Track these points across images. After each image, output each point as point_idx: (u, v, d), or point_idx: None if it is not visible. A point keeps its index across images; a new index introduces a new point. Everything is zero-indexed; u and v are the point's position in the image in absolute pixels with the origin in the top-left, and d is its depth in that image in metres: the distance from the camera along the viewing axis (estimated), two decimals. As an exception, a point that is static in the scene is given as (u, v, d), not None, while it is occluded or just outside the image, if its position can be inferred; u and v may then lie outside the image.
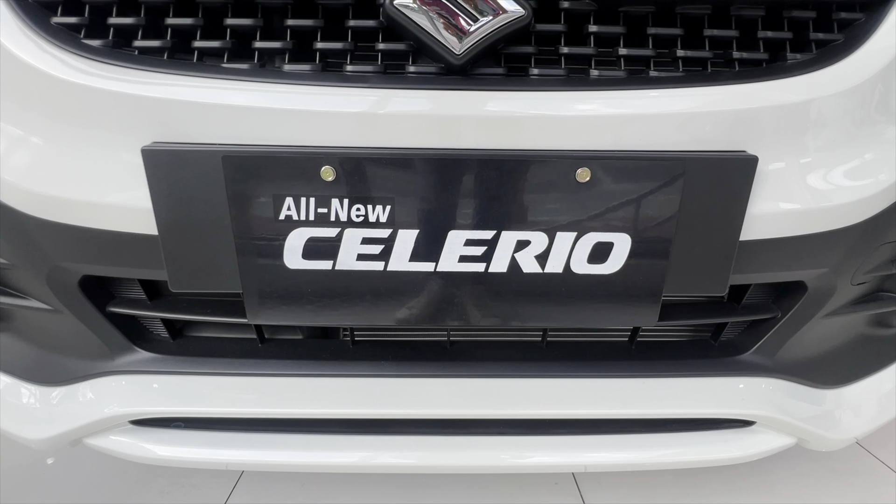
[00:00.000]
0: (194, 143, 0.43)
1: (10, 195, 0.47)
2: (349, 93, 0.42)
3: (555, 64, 0.44)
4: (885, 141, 0.49)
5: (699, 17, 0.45)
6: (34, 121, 0.46)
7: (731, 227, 0.46)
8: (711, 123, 0.44)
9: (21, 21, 0.44)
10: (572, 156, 0.42)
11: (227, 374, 0.56)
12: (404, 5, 0.40)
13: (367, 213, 0.43)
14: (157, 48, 0.44)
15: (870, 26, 0.46)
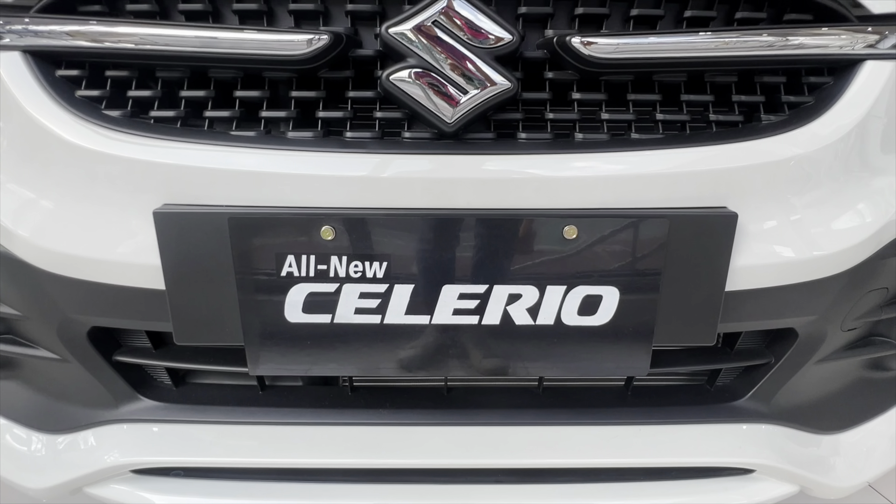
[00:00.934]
0: (202, 205, 0.45)
1: (27, 251, 0.50)
2: (348, 158, 0.45)
3: (542, 128, 0.47)
4: (862, 193, 0.51)
5: (677, 84, 0.48)
6: (54, 183, 0.49)
7: (716, 279, 0.47)
8: (691, 182, 0.46)
9: (47, 94, 0.47)
10: (559, 214, 0.45)
11: (227, 423, 0.57)
12: (400, 79, 0.43)
13: (364, 270, 0.45)
14: (171, 117, 0.47)
15: (838, 89, 0.48)
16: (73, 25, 0.45)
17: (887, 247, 0.53)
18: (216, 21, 0.47)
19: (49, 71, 0.48)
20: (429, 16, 0.41)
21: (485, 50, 0.42)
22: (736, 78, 0.48)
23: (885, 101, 0.48)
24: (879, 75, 0.48)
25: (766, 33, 0.45)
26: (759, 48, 0.45)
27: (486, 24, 0.42)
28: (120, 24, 0.44)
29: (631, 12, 0.46)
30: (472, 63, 0.42)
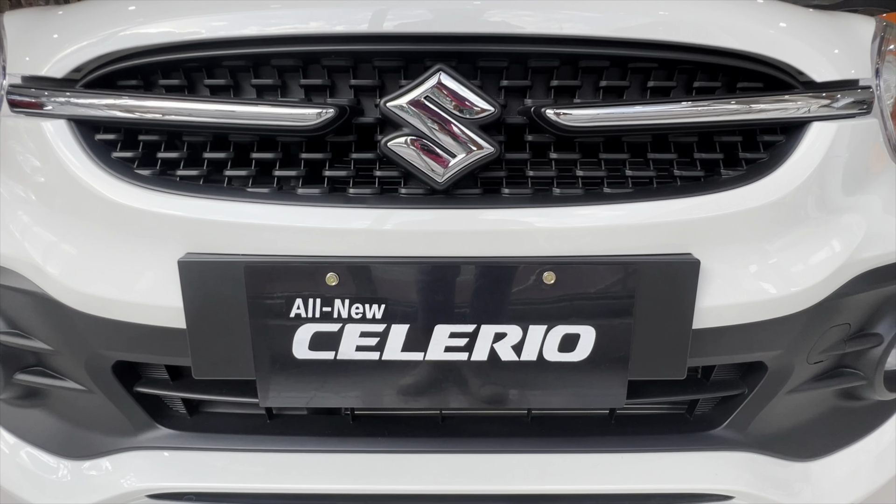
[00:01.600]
0: (221, 254, 0.51)
1: (62, 293, 0.56)
2: (351, 212, 0.50)
3: (524, 183, 0.53)
4: (815, 239, 0.56)
5: (644, 143, 0.54)
6: (90, 232, 0.55)
7: (683, 318, 0.52)
8: (658, 232, 0.51)
9: (87, 155, 0.54)
10: (539, 262, 0.50)
11: (237, 450, 0.61)
12: (397, 144, 0.49)
13: (364, 311, 0.51)
14: (194, 176, 0.53)
15: (789, 146, 0.54)
16: (110, 99, 0.52)
17: (844, 286, 0.58)
18: (237, 92, 0.53)
19: (89, 135, 0.54)
20: (421, 92, 0.48)
21: (471, 120, 0.48)
22: (697, 138, 0.54)
23: (832, 156, 0.54)
24: (825, 134, 0.54)
25: (720, 102, 0.50)
26: (715, 115, 0.51)
27: (472, 97, 0.48)
28: (151, 98, 0.51)
29: (600, 83, 0.52)
30: (459, 131, 0.48)
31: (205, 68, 0.52)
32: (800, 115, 0.53)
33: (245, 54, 0.50)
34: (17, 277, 0.58)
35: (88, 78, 0.53)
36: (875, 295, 0.61)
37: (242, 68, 0.52)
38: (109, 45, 0.51)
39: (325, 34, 0.48)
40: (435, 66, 0.48)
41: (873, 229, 0.59)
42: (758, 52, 0.51)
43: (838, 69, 0.54)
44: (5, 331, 0.61)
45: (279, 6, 0.49)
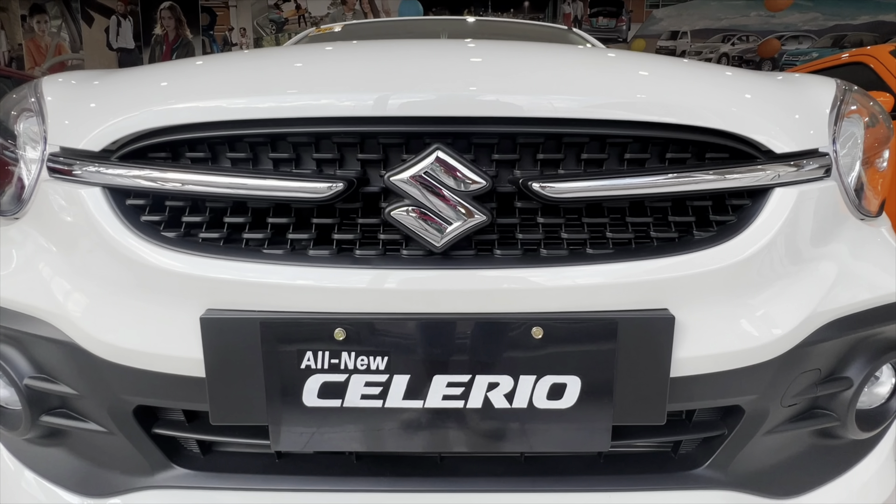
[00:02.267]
0: (239, 310, 0.56)
1: (91, 344, 0.60)
2: (357, 272, 0.56)
3: (514, 244, 0.58)
4: (782, 293, 0.61)
5: (622, 208, 0.59)
6: (119, 287, 0.60)
7: (660, 368, 0.57)
8: (637, 289, 0.56)
9: (118, 218, 0.59)
10: (528, 318, 0.55)
11: (248, 489, 0.65)
12: (399, 213, 0.55)
13: (369, 363, 0.55)
14: (215, 238, 0.59)
15: (755, 209, 0.60)
16: (140, 171, 0.58)
17: (812, 335, 0.62)
18: (256, 162, 0.59)
19: (121, 200, 0.60)
20: (421, 167, 0.54)
21: (465, 192, 0.54)
22: (670, 203, 0.59)
23: (794, 217, 0.60)
24: (786, 198, 0.59)
25: (688, 174, 0.56)
26: (684, 185, 0.56)
27: (466, 172, 0.54)
28: (177, 171, 0.57)
29: (581, 156, 0.58)
30: (455, 202, 0.54)
31: (227, 142, 0.58)
32: (762, 184, 0.58)
33: (263, 133, 0.56)
34: (48, 327, 0.63)
35: (121, 152, 0.59)
36: (843, 341, 0.65)
37: (261, 143, 0.58)
38: (140, 125, 0.57)
39: (335, 117, 0.55)
40: (433, 146, 0.54)
41: (838, 281, 0.65)
42: (723, 129, 0.57)
43: (797, 141, 0.60)
44: (34, 375, 0.66)
45: (295, 91, 0.55)
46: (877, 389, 0.74)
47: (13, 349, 0.66)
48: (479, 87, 0.54)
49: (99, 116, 0.60)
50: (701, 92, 0.59)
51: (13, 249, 0.68)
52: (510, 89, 0.55)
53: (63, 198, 0.62)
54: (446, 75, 0.56)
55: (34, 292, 0.64)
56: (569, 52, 0.64)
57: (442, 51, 0.62)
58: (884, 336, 0.69)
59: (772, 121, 0.60)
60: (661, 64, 0.66)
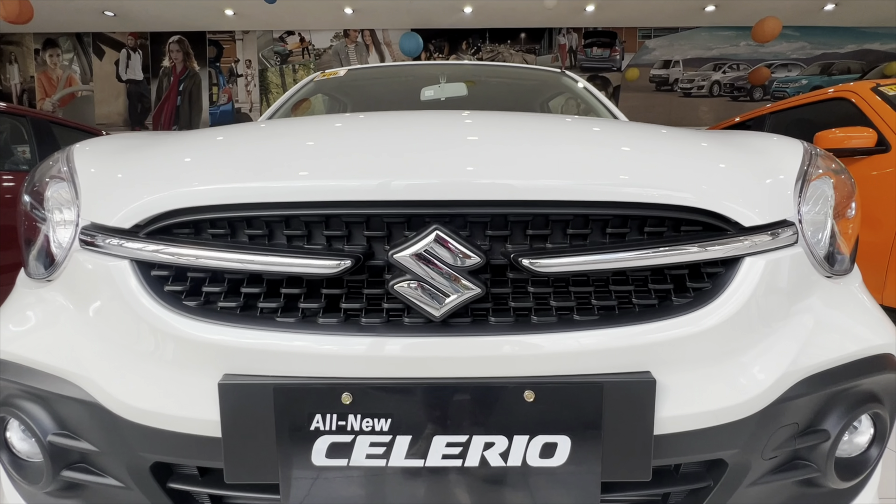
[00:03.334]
0: (254, 375, 0.61)
1: (114, 404, 0.65)
2: (362, 339, 0.61)
3: (506, 312, 0.63)
4: (757, 353, 0.65)
5: (606, 277, 0.64)
6: (142, 352, 0.65)
7: (644, 427, 0.61)
8: (620, 354, 0.61)
9: (143, 288, 0.65)
10: (520, 382, 0.60)
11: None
12: (401, 286, 0.60)
13: (373, 425, 0.60)
14: (232, 306, 0.64)
15: (728, 277, 0.65)
16: (165, 247, 0.63)
17: (787, 392, 0.67)
18: (271, 237, 0.65)
19: (146, 271, 0.65)
20: (421, 246, 0.59)
21: (461, 267, 0.60)
22: (650, 273, 0.65)
23: (763, 284, 0.65)
24: (756, 266, 0.65)
25: (664, 248, 0.62)
26: (661, 258, 0.62)
27: (462, 249, 0.59)
28: (198, 248, 0.62)
29: (567, 231, 0.63)
30: (452, 276, 0.59)
31: (245, 220, 0.64)
32: (733, 255, 0.64)
33: (278, 214, 0.62)
34: (73, 388, 0.67)
35: (148, 228, 0.65)
36: (818, 396, 0.69)
37: (276, 220, 0.64)
38: (164, 207, 0.63)
39: (344, 201, 0.61)
40: (432, 226, 0.59)
41: (810, 340, 0.69)
42: (697, 206, 0.63)
43: (765, 214, 0.66)
44: (57, 432, 0.70)
45: (307, 177, 0.61)
46: (856, 439, 0.78)
47: (38, 407, 0.70)
48: (473, 175, 0.61)
49: (127, 197, 0.66)
50: (678, 174, 0.65)
51: (43, 312, 0.73)
52: (502, 176, 0.61)
53: (93, 268, 0.67)
54: (445, 163, 0.62)
55: (61, 354, 0.69)
56: (556, 135, 0.71)
57: (441, 135, 0.68)
58: (859, 389, 0.73)
59: (741, 197, 0.66)
60: (641, 142, 0.73)
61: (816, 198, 0.76)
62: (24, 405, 0.71)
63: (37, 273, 0.76)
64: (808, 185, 0.75)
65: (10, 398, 0.72)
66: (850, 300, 0.78)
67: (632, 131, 0.81)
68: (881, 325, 0.78)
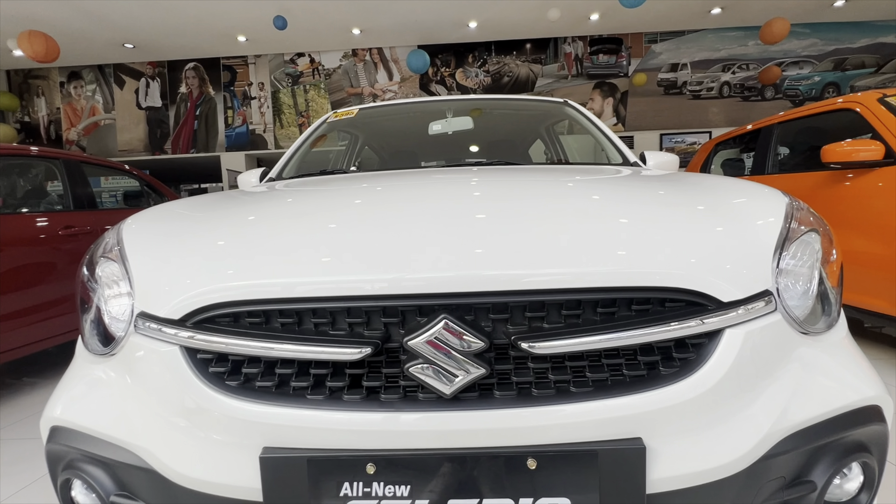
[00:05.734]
0: (290, 448, 0.70)
1: (168, 472, 0.74)
2: (382, 415, 0.69)
3: (509, 386, 0.71)
4: (740, 417, 0.72)
5: (598, 352, 0.72)
6: (191, 427, 0.74)
7: (637, 488, 0.68)
8: (613, 422, 0.68)
9: (191, 370, 0.74)
10: (523, 451, 0.67)
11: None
12: (415, 368, 0.68)
13: (395, 491, 0.68)
14: (268, 386, 0.73)
15: (711, 347, 0.71)
16: (208, 336, 0.73)
17: (772, 449, 0.72)
18: (300, 323, 0.74)
19: (193, 355, 0.75)
20: (431, 333, 0.67)
21: (467, 351, 0.68)
22: (638, 347, 0.72)
23: (743, 353, 0.71)
24: (736, 337, 0.71)
25: (650, 326, 0.69)
26: (648, 336, 0.69)
27: (468, 336, 0.68)
28: (238, 338, 0.72)
29: (562, 311, 0.71)
30: (460, 360, 0.67)
31: (278, 311, 0.73)
32: (713, 329, 0.70)
33: (307, 307, 0.71)
34: (132, 455, 0.77)
35: (193, 319, 0.74)
36: (802, 451, 0.75)
37: (304, 311, 0.73)
38: (207, 301, 0.73)
39: (363, 295, 0.69)
40: (441, 315, 0.68)
41: (792, 399, 0.75)
42: (679, 287, 0.70)
43: (743, 289, 0.73)
44: (118, 493, 0.80)
45: (332, 276, 0.70)
46: (847, 485, 0.83)
47: (101, 471, 0.80)
48: (476, 269, 0.69)
49: (174, 292, 0.76)
50: (661, 257, 0.72)
51: (103, 385, 0.83)
52: (500, 268, 0.69)
53: (147, 351, 0.77)
54: (450, 260, 0.70)
55: (121, 425, 0.79)
56: (549, 223, 0.78)
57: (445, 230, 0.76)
58: (846, 440, 0.78)
59: (721, 274, 0.73)
60: (628, 222, 0.80)
61: (802, 255, 0.81)
62: (88, 469, 0.81)
63: (95, 349, 0.86)
64: (791, 245, 0.81)
65: (74, 462, 0.83)
66: (835, 354, 0.83)
67: (621, 201, 0.88)
68: (867, 377, 0.83)
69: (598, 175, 1.24)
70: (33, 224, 2.82)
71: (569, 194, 0.95)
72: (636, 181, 1.12)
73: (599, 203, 0.88)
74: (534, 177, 1.12)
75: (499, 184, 1.06)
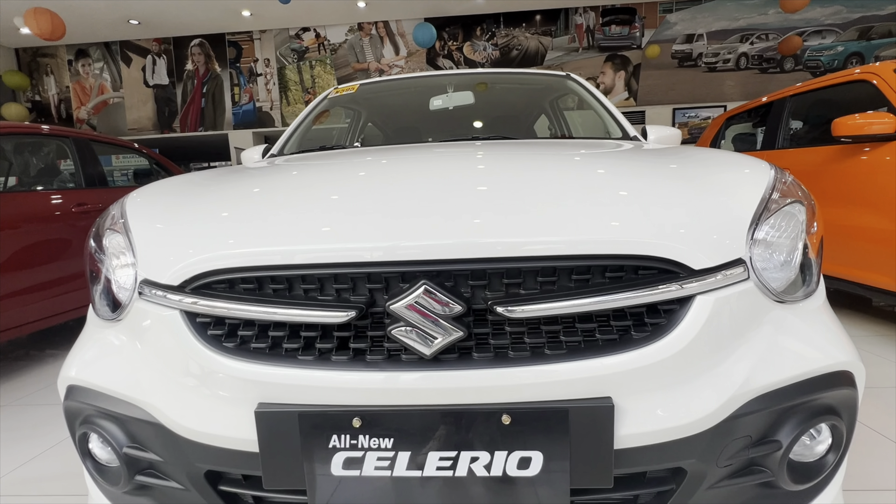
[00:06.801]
0: (282, 404, 0.75)
1: (173, 425, 0.80)
2: (368, 374, 0.74)
3: (487, 348, 0.75)
4: (708, 378, 0.75)
5: (573, 317, 0.75)
6: (192, 385, 0.80)
7: (605, 444, 0.72)
8: (585, 383, 0.72)
9: (191, 333, 0.79)
10: (499, 408, 0.72)
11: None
12: (398, 331, 0.73)
13: (379, 443, 0.73)
14: (262, 347, 0.78)
15: (682, 313, 0.74)
16: (206, 301, 0.78)
17: (739, 410, 0.76)
18: (291, 289, 0.78)
19: (193, 319, 0.80)
20: (412, 298, 0.71)
21: (447, 314, 0.72)
22: (612, 311, 0.75)
23: (713, 318, 0.74)
24: (706, 304, 0.74)
25: (623, 292, 0.72)
26: (620, 301, 0.72)
27: (447, 300, 0.71)
28: (233, 302, 0.76)
29: (538, 278, 0.74)
30: (439, 322, 0.71)
31: (269, 277, 0.78)
32: (683, 295, 0.73)
33: (298, 274, 0.75)
34: (141, 411, 0.84)
35: (192, 285, 0.79)
36: (769, 412, 0.78)
37: (295, 277, 0.77)
38: (204, 268, 0.78)
39: (352, 262, 0.73)
40: (420, 281, 0.72)
41: (762, 363, 0.78)
42: (651, 255, 0.73)
43: (714, 258, 0.75)
44: (130, 445, 0.87)
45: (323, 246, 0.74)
46: (816, 447, 0.87)
47: (115, 426, 0.87)
48: (455, 238, 0.72)
49: (174, 260, 0.81)
50: (635, 226, 0.74)
51: (113, 348, 0.90)
52: (478, 237, 0.72)
53: (151, 315, 0.82)
54: (430, 230, 0.74)
55: (130, 383, 0.85)
56: (526, 195, 0.81)
57: (425, 202, 0.79)
58: (814, 403, 0.81)
59: (693, 243, 0.75)
60: (605, 191, 0.82)
61: (781, 225, 0.83)
62: (103, 423, 0.88)
63: (105, 315, 0.92)
64: (770, 216, 0.83)
65: (90, 417, 0.90)
66: (809, 321, 0.86)
67: (601, 173, 0.90)
68: (839, 343, 0.86)
69: (586, 149, 1.25)
70: (48, 201, 2.91)
71: (549, 166, 0.97)
72: (624, 154, 1.14)
73: (577, 174, 0.90)
74: (520, 150, 1.13)
75: (481, 158, 1.08)
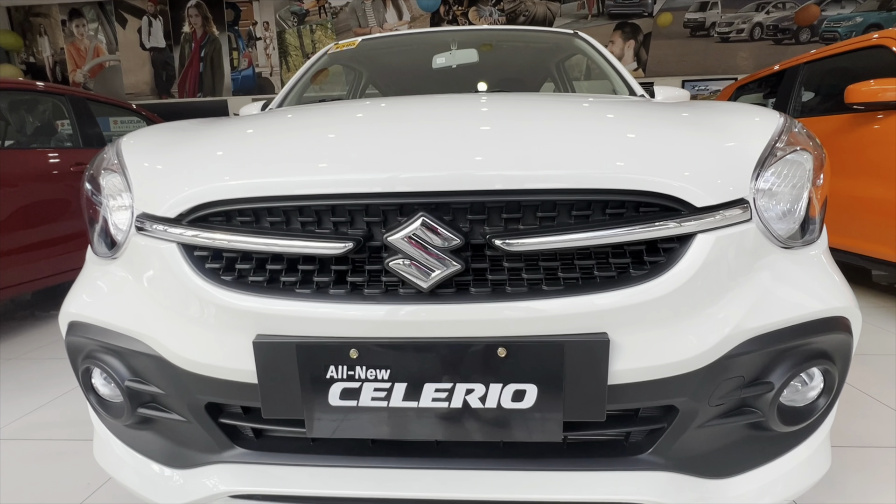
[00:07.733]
0: (281, 335, 0.76)
1: (173, 357, 0.82)
2: (365, 307, 0.74)
3: (484, 283, 0.75)
4: (704, 317, 0.75)
5: (571, 253, 0.75)
6: (192, 318, 0.80)
7: (599, 378, 0.73)
8: (581, 318, 0.72)
9: (189, 266, 0.79)
10: (495, 341, 0.72)
11: (289, 464, 0.86)
12: (396, 264, 0.72)
13: (376, 374, 0.74)
14: (260, 281, 0.78)
15: (681, 251, 0.74)
16: (203, 233, 0.77)
17: (733, 350, 0.76)
18: (288, 223, 0.77)
19: (191, 252, 0.80)
20: (410, 230, 0.71)
21: (445, 247, 0.71)
22: (611, 248, 0.74)
23: (712, 258, 0.74)
24: (707, 243, 0.73)
25: (622, 228, 0.71)
26: (620, 237, 0.71)
27: (445, 233, 0.71)
28: (231, 234, 0.76)
29: (537, 213, 0.73)
30: (436, 255, 0.71)
31: (267, 210, 0.77)
32: (683, 233, 0.72)
33: (295, 205, 0.74)
34: (142, 345, 0.85)
35: (190, 217, 0.78)
36: (763, 354, 0.79)
37: (292, 209, 0.76)
38: (201, 200, 0.77)
39: (347, 193, 0.72)
40: (419, 213, 0.71)
41: (759, 304, 0.78)
42: (652, 191, 0.72)
43: (716, 196, 0.74)
44: (132, 378, 0.88)
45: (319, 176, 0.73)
46: (808, 391, 0.88)
47: (116, 360, 0.88)
48: (454, 169, 0.71)
49: (171, 191, 0.80)
50: (636, 161, 0.73)
51: (112, 284, 0.90)
52: (477, 169, 0.71)
53: (148, 249, 0.82)
54: (430, 160, 0.72)
55: (130, 318, 0.86)
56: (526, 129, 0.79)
57: (425, 134, 0.78)
58: (808, 347, 0.82)
59: (695, 179, 0.73)
60: (606, 129, 0.80)
61: (785, 173, 0.82)
62: (104, 358, 0.89)
63: (102, 253, 0.92)
64: (775, 161, 0.81)
65: (92, 352, 0.91)
66: (808, 266, 0.85)
67: (603, 114, 0.87)
68: (836, 289, 0.86)
69: (591, 98, 1.22)
70: (45, 160, 2.88)
71: (553, 106, 0.95)
72: (630, 103, 1.11)
73: (582, 113, 0.88)
74: (524, 97, 1.11)
75: (480, 97, 1.05)
